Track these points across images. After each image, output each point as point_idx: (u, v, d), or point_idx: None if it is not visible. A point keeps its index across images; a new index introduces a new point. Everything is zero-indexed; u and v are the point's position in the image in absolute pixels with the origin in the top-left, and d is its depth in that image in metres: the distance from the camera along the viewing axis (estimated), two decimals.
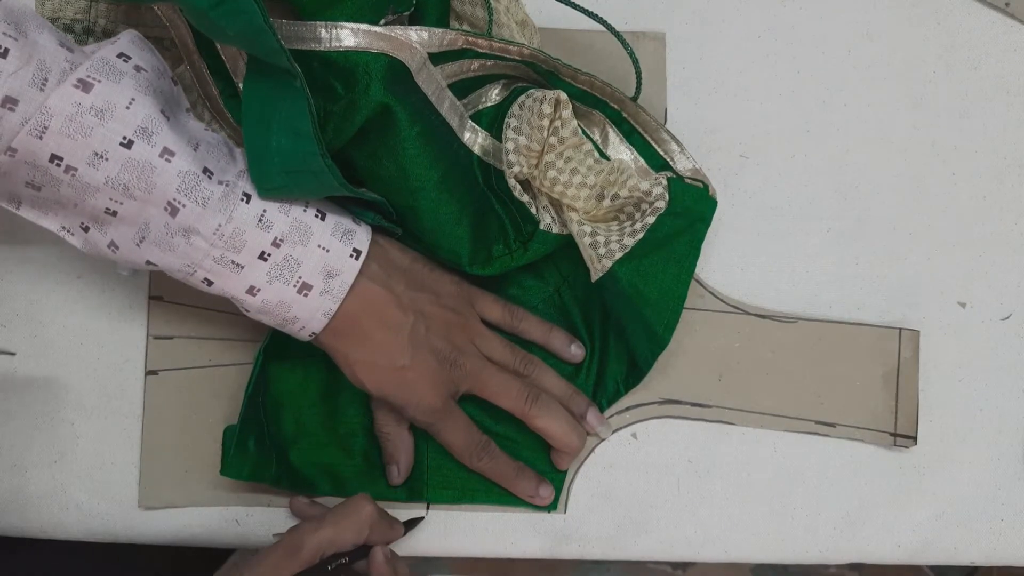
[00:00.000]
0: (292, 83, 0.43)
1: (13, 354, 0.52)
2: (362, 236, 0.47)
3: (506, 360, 0.51)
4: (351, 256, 0.46)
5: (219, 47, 0.48)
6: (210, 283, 0.44)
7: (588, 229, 0.50)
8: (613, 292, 0.51)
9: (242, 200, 0.43)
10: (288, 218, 0.44)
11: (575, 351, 0.53)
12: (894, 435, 0.55)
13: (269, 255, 0.44)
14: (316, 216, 0.45)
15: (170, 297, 0.53)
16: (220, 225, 0.43)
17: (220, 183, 0.43)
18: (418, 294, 0.49)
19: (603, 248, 0.50)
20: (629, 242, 0.50)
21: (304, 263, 0.45)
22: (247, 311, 0.46)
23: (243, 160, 0.45)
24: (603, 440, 0.54)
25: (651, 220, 0.50)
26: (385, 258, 0.48)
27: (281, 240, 0.44)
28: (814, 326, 0.55)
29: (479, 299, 0.52)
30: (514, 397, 0.50)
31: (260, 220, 0.44)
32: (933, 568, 1.12)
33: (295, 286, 0.45)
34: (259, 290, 0.44)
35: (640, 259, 0.50)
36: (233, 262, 0.44)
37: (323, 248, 0.45)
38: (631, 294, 0.50)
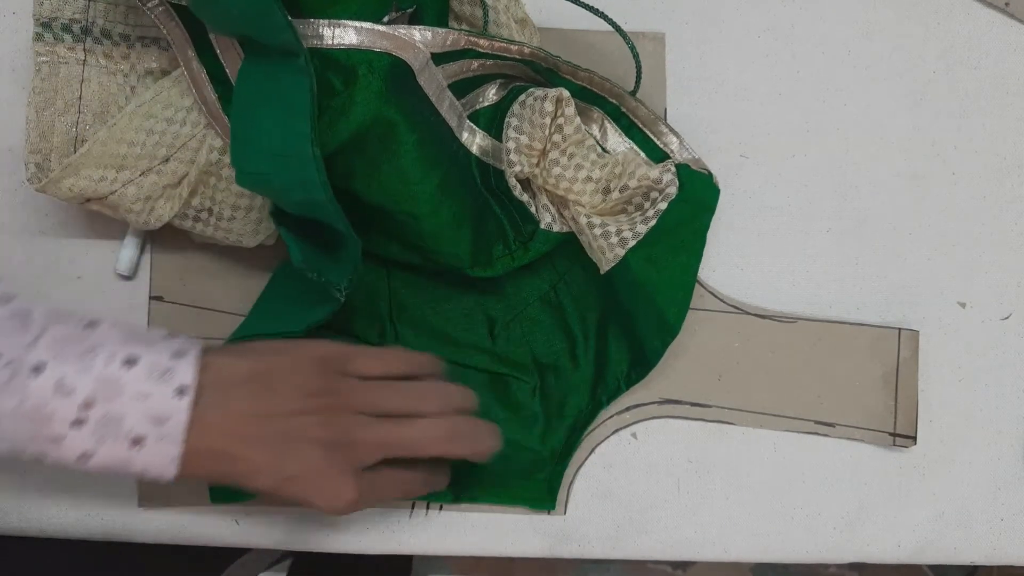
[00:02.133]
0: (296, 62, 0.42)
1: None
2: (185, 369, 0.42)
3: (401, 406, 0.46)
4: (175, 396, 0.41)
5: (218, 50, 0.48)
6: (43, 458, 0.41)
7: (598, 221, 0.50)
8: (625, 282, 0.51)
9: (32, 375, 0.40)
10: (90, 377, 0.40)
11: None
12: (893, 435, 0.55)
13: (84, 420, 0.40)
14: (124, 366, 0.41)
15: (170, 297, 0.53)
16: (17, 405, 0.40)
17: (6, 366, 0.40)
18: (272, 399, 0.43)
19: (615, 237, 0.49)
20: (642, 229, 0.49)
21: (126, 416, 0.40)
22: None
23: (42, 319, 0.41)
24: (603, 440, 0.54)
25: (663, 206, 0.49)
26: (219, 379, 0.43)
27: (91, 401, 0.40)
28: (814, 326, 0.55)
29: (353, 360, 0.46)
30: (436, 442, 0.45)
31: (59, 388, 0.40)
32: (933, 568, 1.12)
33: (126, 442, 0.41)
34: (92, 455, 0.41)
35: (651, 247, 0.50)
36: (48, 437, 0.40)
37: (141, 396, 0.41)
38: (644, 282, 0.50)
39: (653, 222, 0.50)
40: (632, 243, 0.49)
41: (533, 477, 0.53)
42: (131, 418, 0.40)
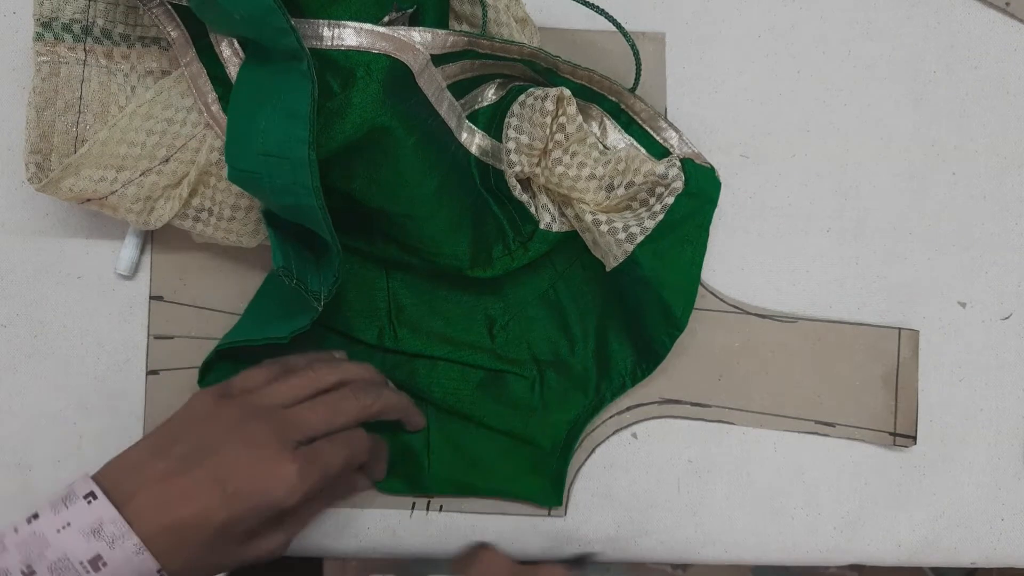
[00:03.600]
0: (298, 66, 0.42)
1: None
2: (80, 483, 0.42)
3: (305, 388, 0.46)
4: (87, 500, 0.41)
5: (218, 50, 0.48)
6: None
7: (603, 218, 0.50)
8: (632, 278, 0.51)
9: None
10: (12, 551, 0.40)
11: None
12: (893, 435, 0.55)
13: None
14: (28, 520, 0.41)
15: (170, 297, 0.53)
16: None
17: None
18: (178, 442, 0.43)
19: (622, 233, 0.49)
20: (650, 224, 0.49)
21: (68, 552, 0.40)
22: None
23: None
24: (603, 440, 0.54)
25: (670, 200, 0.49)
26: (120, 472, 0.43)
27: (29, 566, 0.40)
28: (814, 326, 0.55)
29: (243, 379, 0.47)
30: (349, 408, 0.46)
31: None
32: (933, 568, 1.12)
33: (89, 572, 0.40)
34: None
35: (658, 241, 0.50)
36: None
37: (65, 525, 0.40)
38: (651, 277, 0.50)
39: (661, 217, 0.50)
40: (640, 238, 0.49)
41: (537, 473, 0.53)
42: (72, 550, 0.40)
